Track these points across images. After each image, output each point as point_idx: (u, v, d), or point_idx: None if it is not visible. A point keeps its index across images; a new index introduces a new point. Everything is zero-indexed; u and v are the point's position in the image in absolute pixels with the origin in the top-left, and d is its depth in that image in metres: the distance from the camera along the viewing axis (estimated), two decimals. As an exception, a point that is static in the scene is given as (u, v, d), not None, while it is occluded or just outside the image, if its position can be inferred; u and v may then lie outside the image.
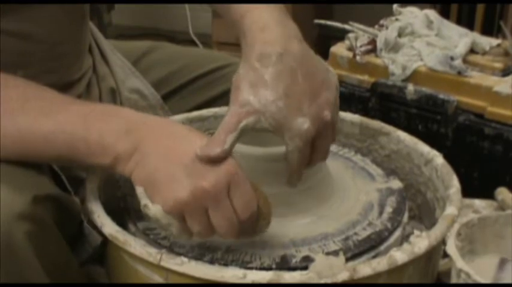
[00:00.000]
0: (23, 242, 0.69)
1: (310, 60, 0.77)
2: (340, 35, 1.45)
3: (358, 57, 1.37)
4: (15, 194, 0.69)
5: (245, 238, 0.75)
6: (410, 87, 1.29)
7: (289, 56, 0.74)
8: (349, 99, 1.38)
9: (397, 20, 1.44)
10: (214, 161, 0.70)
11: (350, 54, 1.39)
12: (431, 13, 1.44)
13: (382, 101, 1.33)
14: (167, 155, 0.71)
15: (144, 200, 0.71)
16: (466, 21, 2.11)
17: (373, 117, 1.07)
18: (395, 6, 1.49)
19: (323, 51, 1.64)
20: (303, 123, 0.73)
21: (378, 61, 1.36)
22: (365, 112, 1.32)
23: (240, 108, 0.72)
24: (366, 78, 1.37)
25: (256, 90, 0.73)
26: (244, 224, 0.71)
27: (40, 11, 0.85)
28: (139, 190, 0.72)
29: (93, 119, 0.73)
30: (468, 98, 1.26)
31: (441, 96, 1.26)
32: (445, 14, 1.93)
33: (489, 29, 2.05)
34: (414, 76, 1.31)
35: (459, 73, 1.27)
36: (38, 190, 0.71)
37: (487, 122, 1.23)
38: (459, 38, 1.36)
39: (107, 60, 1.05)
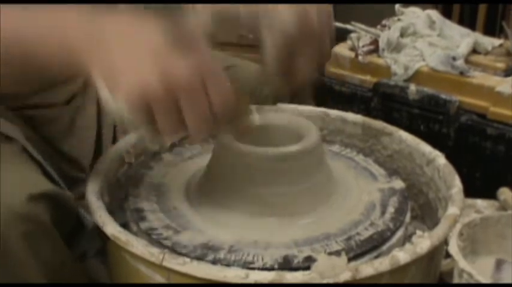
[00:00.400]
0: (19, 243, 0.68)
1: None
2: (342, 35, 1.45)
3: (360, 57, 1.37)
4: (9, 194, 0.68)
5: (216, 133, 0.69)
6: (413, 87, 1.29)
7: None
8: (352, 99, 1.38)
9: (399, 20, 1.44)
10: (188, 42, 0.62)
11: (352, 55, 1.39)
12: (434, 13, 1.44)
13: (384, 101, 1.33)
14: (131, 44, 0.63)
15: (104, 94, 0.64)
16: (468, 21, 2.11)
17: (375, 117, 1.07)
18: (397, 6, 1.49)
19: (325, 52, 1.65)
20: (285, 20, 0.67)
21: (380, 61, 1.36)
22: (367, 112, 1.32)
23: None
24: (368, 78, 1.37)
25: None
26: (220, 122, 0.64)
27: None
28: (101, 86, 0.65)
29: (57, 14, 0.68)
30: (470, 98, 1.26)
31: (443, 96, 1.26)
32: (447, 14, 1.93)
33: (491, 29, 2.05)
34: (416, 76, 1.31)
35: (461, 73, 1.27)
36: (33, 188, 0.70)
37: (489, 122, 1.23)
38: (461, 38, 1.37)
39: None
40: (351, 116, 1.01)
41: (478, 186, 1.21)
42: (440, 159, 0.90)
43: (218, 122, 0.64)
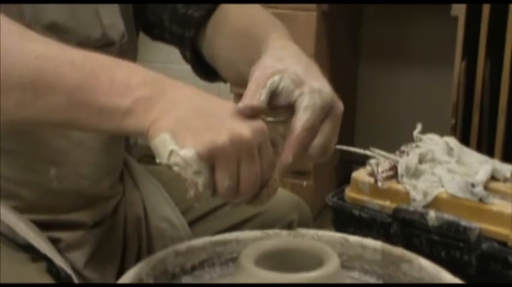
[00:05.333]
0: None
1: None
2: (361, 160, 1.47)
3: (379, 183, 1.38)
4: None
5: (247, 204, 0.76)
6: (432, 213, 1.29)
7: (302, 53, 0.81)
8: (371, 224, 1.38)
9: (417, 146, 1.46)
10: (254, 112, 0.72)
11: (371, 180, 1.40)
12: (451, 140, 1.46)
13: (403, 227, 1.32)
14: (200, 106, 0.71)
15: (170, 146, 0.69)
16: (486, 148, 2.13)
17: (395, 243, 1.07)
18: (415, 133, 1.52)
19: (345, 176, 1.66)
20: (323, 87, 0.76)
21: (399, 187, 1.37)
22: (386, 238, 1.32)
23: (264, 71, 0.76)
24: (387, 203, 1.37)
25: (278, 59, 0.78)
26: (262, 186, 0.73)
27: None
28: (162, 138, 0.69)
29: (122, 62, 0.73)
30: (491, 225, 1.25)
31: (463, 223, 1.25)
32: (465, 141, 1.96)
33: (509, 156, 2.07)
34: (435, 202, 1.31)
35: (480, 200, 1.27)
36: None
37: (511, 250, 1.22)
38: (479, 165, 1.38)
39: (138, 187, 1.07)
40: (370, 242, 1.01)
41: (501, 316, 1.18)
42: (462, 288, 0.89)
43: (260, 186, 0.73)
